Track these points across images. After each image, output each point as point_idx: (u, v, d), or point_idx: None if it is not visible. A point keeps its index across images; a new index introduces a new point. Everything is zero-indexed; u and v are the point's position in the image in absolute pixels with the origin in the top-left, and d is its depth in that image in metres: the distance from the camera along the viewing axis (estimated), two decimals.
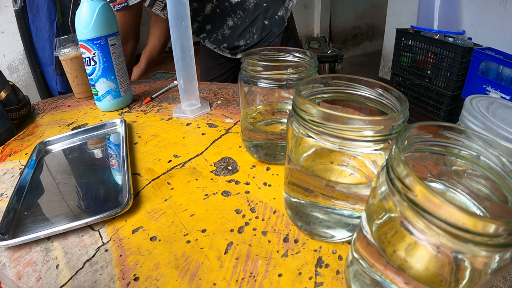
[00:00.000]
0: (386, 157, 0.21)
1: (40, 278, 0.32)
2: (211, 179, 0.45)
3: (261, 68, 0.40)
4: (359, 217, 0.30)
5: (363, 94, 0.31)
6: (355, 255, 0.25)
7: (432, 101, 1.90)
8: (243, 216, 0.38)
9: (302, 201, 0.33)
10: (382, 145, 0.26)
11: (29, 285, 0.31)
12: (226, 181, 0.44)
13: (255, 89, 0.43)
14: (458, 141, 0.23)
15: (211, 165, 0.48)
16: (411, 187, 0.18)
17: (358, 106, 0.32)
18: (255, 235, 0.36)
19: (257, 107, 0.47)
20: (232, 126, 0.59)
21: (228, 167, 0.47)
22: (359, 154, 0.29)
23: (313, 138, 0.27)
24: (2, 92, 0.61)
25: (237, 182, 0.44)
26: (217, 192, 0.42)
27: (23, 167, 0.50)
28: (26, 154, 0.54)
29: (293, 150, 0.32)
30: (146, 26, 1.02)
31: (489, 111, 0.31)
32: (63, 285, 0.31)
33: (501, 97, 1.61)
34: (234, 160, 0.49)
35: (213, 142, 0.54)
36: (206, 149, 0.52)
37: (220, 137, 0.55)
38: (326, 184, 0.30)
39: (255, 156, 0.48)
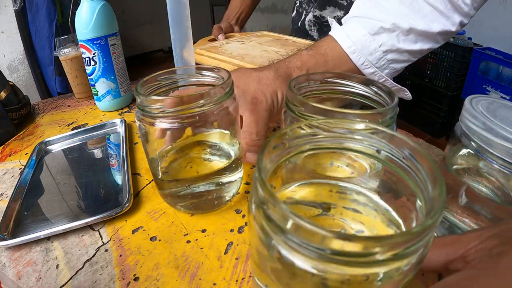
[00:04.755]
0: None
1: (40, 278, 0.32)
2: None
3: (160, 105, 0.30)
4: None
5: (354, 91, 0.32)
6: None
7: (432, 101, 1.90)
8: (243, 216, 0.38)
9: None
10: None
11: (29, 285, 0.31)
12: None
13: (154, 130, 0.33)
14: (361, 140, 0.21)
15: None
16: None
17: (349, 103, 0.32)
18: None
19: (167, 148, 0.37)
20: None
21: None
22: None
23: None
24: (2, 92, 0.61)
25: None
26: None
27: (23, 167, 0.50)
28: (26, 154, 0.54)
29: None
30: (147, 26, 1.01)
31: (489, 111, 0.31)
32: (63, 285, 0.31)
33: (501, 97, 1.61)
34: None
35: None
36: None
37: None
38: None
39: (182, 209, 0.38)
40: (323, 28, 0.91)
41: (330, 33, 0.47)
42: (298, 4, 0.96)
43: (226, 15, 1.00)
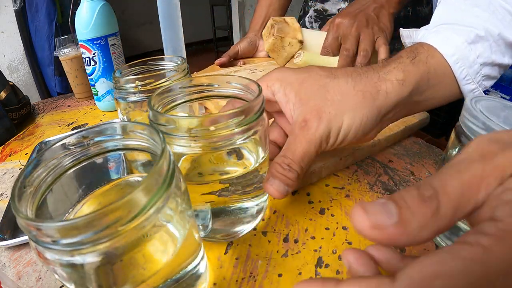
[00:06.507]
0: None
1: (40, 278, 0.32)
2: None
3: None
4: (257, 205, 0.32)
5: (223, 91, 0.31)
6: None
7: None
8: None
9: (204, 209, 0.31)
10: (251, 132, 0.26)
11: (29, 285, 0.31)
12: None
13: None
14: None
15: None
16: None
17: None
18: (255, 235, 0.35)
19: None
20: None
21: None
22: (235, 147, 0.28)
23: (184, 147, 0.26)
24: (2, 92, 0.61)
25: None
26: None
27: (23, 167, 0.50)
28: (26, 154, 0.54)
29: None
30: (147, 26, 1.01)
31: (489, 111, 0.31)
32: (63, 285, 0.31)
33: (501, 97, 1.61)
34: None
35: None
36: None
37: None
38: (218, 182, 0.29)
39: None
40: (326, 23, 0.89)
41: (420, 39, 0.38)
42: (304, 2, 0.95)
43: (252, 25, 0.93)
